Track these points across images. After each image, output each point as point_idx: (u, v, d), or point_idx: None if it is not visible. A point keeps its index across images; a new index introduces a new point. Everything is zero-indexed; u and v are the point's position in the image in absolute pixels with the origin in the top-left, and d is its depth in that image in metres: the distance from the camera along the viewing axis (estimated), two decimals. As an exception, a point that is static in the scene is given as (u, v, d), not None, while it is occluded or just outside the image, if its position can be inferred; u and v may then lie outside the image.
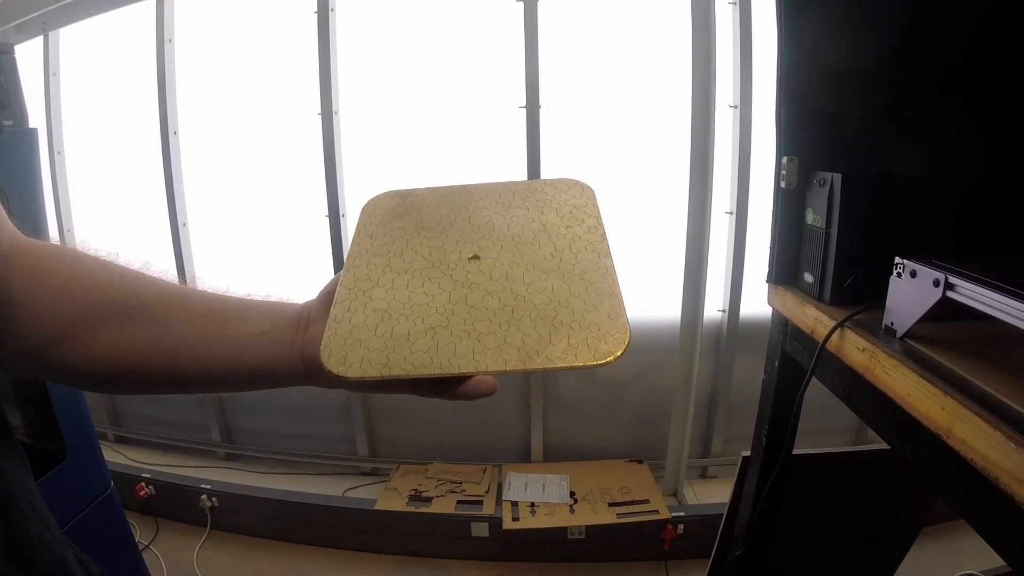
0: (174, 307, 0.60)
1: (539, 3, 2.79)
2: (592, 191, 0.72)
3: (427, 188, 0.77)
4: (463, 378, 0.55)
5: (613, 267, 0.59)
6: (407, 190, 0.78)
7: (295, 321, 0.61)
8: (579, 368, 0.50)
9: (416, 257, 0.64)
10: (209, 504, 3.07)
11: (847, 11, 1.32)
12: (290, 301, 0.65)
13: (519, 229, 0.66)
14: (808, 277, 1.35)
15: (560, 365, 0.50)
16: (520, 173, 2.92)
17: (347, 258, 0.67)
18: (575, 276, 0.58)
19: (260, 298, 0.65)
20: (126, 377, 0.61)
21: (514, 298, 0.57)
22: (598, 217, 0.67)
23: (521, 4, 2.79)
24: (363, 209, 0.75)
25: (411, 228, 0.69)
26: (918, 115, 1.34)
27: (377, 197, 0.77)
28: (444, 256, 0.64)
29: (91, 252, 0.62)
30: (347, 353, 0.55)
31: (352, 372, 0.53)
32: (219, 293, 0.64)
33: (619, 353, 0.50)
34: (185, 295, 0.62)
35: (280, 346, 0.59)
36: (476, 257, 0.63)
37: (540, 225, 0.67)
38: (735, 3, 2.75)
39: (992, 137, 1.33)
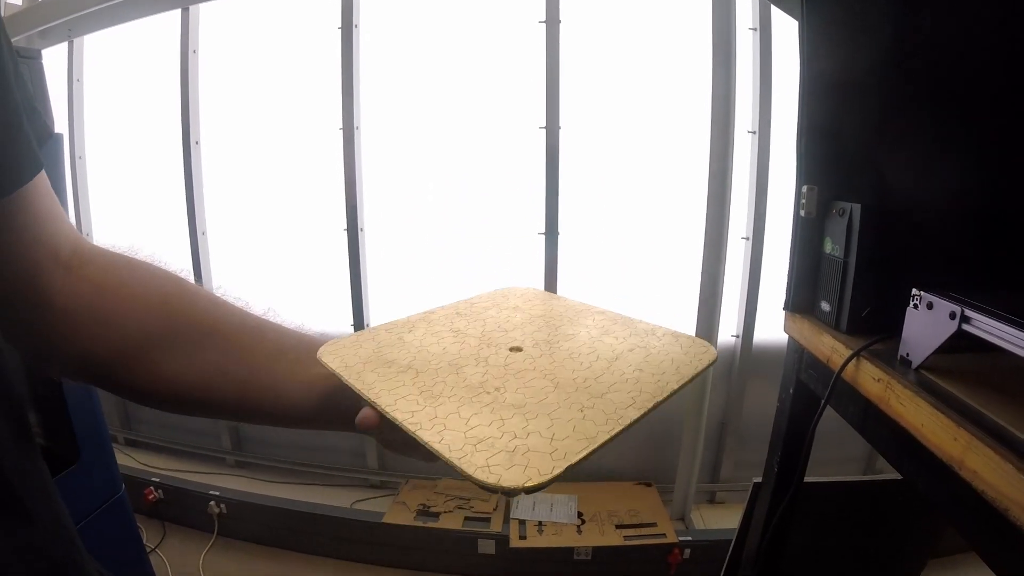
0: (246, 339, 0.60)
1: (561, 25, 2.82)
2: (710, 356, 0.58)
3: (566, 298, 0.73)
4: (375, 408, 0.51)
5: (630, 420, 0.49)
6: (547, 292, 0.76)
7: None
8: (454, 467, 0.42)
9: (478, 326, 0.64)
10: (217, 510, 3.07)
11: (870, 42, 1.34)
12: None
13: (588, 349, 0.58)
14: (825, 306, 1.35)
15: (441, 452, 0.43)
16: (539, 193, 2.94)
17: (441, 306, 0.70)
18: (579, 403, 0.49)
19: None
20: (189, 402, 0.60)
21: (496, 386, 0.52)
22: (683, 378, 0.54)
23: (543, 25, 2.82)
24: (496, 290, 0.76)
25: (506, 311, 0.69)
26: (941, 147, 1.35)
27: (517, 288, 0.77)
28: (499, 338, 0.61)
29: (161, 265, 0.61)
30: (344, 347, 0.57)
31: (326, 355, 0.56)
32: (292, 328, 0.64)
33: (508, 485, 0.40)
34: (258, 328, 0.62)
35: (347, 391, 0.57)
36: (518, 349, 0.59)
37: (614, 355, 0.57)
38: (755, 29, 2.77)
39: (1016, 170, 1.34)
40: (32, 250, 0.52)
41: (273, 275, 3.33)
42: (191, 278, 0.63)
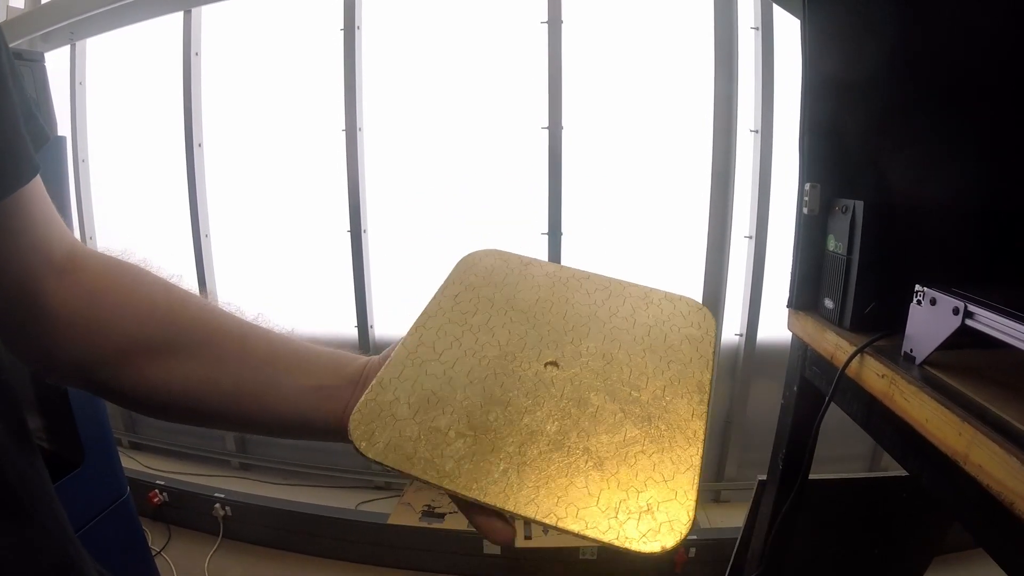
0: (235, 346, 0.59)
1: (563, 25, 2.82)
2: (713, 322, 0.63)
3: (537, 260, 0.69)
4: (486, 508, 0.46)
5: (703, 431, 0.51)
6: (514, 255, 0.70)
7: (354, 379, 0.58)
8: (614, 548, 0.44)
9: (492, 341, 0.58)
10: (222, 513, 3.07)
11: (872, 42, 1.34)
12: (353, 355, 0.62)
13: (616, 346, 0.58)
14: (829, 303, 1.36)
15: (595, 537, 0.44)
16: (541, 193, 2.94)
17: (420, 315, 0.61)
18: (657, 430, 0.50)
19: (323, 347, 0.62)
20: (176, 409, 0.59)
21: (577, 432, 0.49)
22: (709, 360, 0.58)
23: (545, 26, 2.82)
24: (458, 263, 0.68)
25: (500, 303, 0.62)
26: (942, 145, 1.35)
27: (477, 253, 0.70)
28: (522, 349, 0.57)
29: (153, 270, 0.60)
30: (376, 429, 0.50)
31: (372, 453, 0.48)
32: (282, 335, 0.62)
33: (670, 546, 0.43)
34: (247, 335, 0.60)
35: (334, 403, 0.57)
36: (554, 364, 0.56)
37: (641, 349, 0.58)
38: (757, 28, 2.77)
39: (1016, 170, 1.34)
40: (28, 255, 0.52)
41: (276, 277, 3.33)
42: (185, 284, 0.62)
